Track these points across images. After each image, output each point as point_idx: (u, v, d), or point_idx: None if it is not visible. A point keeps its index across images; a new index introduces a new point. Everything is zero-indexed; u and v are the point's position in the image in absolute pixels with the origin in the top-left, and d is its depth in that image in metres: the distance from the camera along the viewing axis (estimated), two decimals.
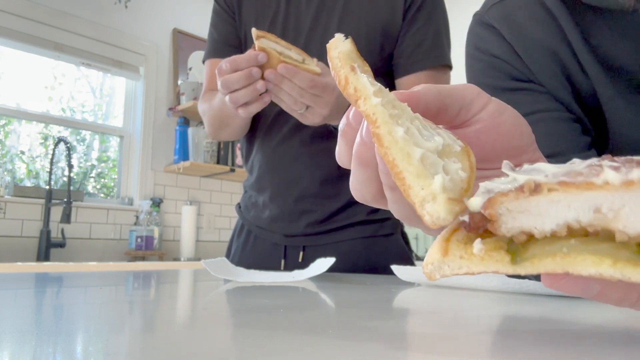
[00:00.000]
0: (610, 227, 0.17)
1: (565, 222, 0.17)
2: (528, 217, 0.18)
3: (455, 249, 0.20)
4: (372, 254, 0.94)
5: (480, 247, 0.19)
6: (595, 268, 0.17)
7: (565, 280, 0.19)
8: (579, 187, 0.17)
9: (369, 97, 0.22)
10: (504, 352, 0.24)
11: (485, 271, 0.19)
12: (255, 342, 0.25)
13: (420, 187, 0.20)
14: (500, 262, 0.19)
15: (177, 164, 2.72)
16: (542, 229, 0.18)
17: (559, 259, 0.18)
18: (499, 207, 0.18)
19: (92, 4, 2.62)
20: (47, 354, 0.23)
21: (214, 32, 1.05)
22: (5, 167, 2.41)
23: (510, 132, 0.29)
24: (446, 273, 0.20)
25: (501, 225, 0.19)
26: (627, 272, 0.17)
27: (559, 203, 0.17)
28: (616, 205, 0.17)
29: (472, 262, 0.19)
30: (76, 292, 0.53)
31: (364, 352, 0.22)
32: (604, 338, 0.27)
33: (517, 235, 0.19)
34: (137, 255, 2.50)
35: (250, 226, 1.04)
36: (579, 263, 0.17)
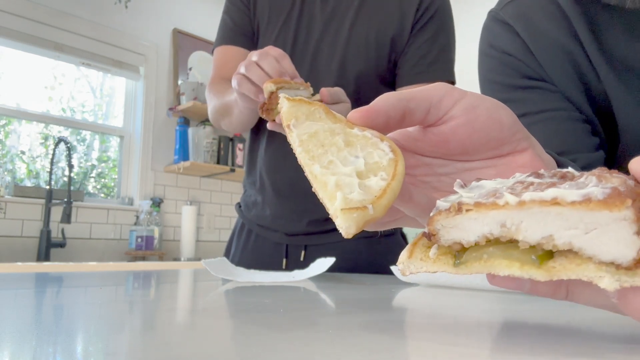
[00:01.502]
0: (514, 237, 0.21)
1: (482, 235, 0.22)
2: (457, 231, 0.23)
3: (418, 252, 0.25)
4: (373, 253, 0.94)
5: (434, 252, 0.24)
6: (508, 270, 0.21)
7: (501, 279, 0.23)
8: (487, 207, 0.21)
9: (296, 151, 0.28)
10: (503, 352, 0.24)
11: (437, 271, 0.24)
12: (255, 342, 0.25)
13: (329, 206, 0.24)
14: (446, 264, 0.24)
15: (177, 164, 2.72)
16: (467, 240, 0.22)
17: (483, 262, 0.22)
18: (436, 224, 0.23)
19: (92, 4, 2.62)
20: (47, 353, 0.23)
21: (228, 19, 1.03)
22: (6, 167, 2.41)
23: (487, 125, 0.29)
24: (412, 271, 0.25)
25: (440, 238, 0.23)
26: (532, 273, 0.21)
27: (475, 220, 0.22)
28: (516, 220, 0.21)
29: (428, 263, 0.24)
30: (76, 292, 0.53)
31: (364, 352, 0.22)
32: (603, 337, 0.27)
33: (453, 245, 0.23)
34: (137, 255, 2.50)
35: (251, 225, 1.03)
36: (496, 266, 0.22)
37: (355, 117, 0.28)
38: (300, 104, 0.29)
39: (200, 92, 2.77)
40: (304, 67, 0.95)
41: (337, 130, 0.28)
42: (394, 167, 0.26)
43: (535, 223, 0.20)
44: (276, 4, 0.99)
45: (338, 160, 0.26)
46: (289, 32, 0.97)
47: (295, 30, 0.97)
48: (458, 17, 1.06)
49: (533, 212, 0.20)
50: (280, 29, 0.98)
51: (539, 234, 0.20)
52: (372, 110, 0.28)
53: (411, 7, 0.94)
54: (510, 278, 0.22)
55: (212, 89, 1.00)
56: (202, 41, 3.03)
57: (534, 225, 0.20)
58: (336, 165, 0.26)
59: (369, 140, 0.27)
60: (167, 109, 2.85)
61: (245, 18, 1.02)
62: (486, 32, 0.63)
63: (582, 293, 0.23)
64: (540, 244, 0.21)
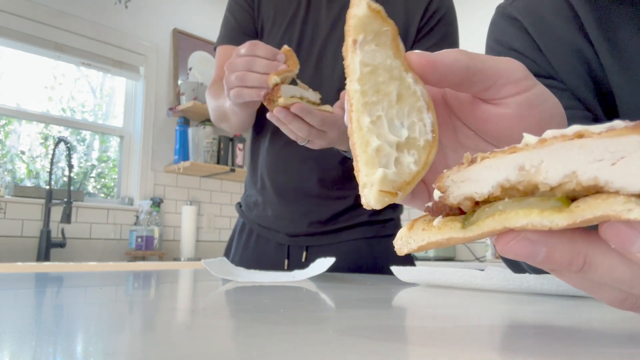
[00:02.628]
0: (534, 181, 0.19)
1: (498, 183, 0.20)
2: (468, 184, 0.21)
3: (419, 224, 0.23)
4: (374, 254, 0.94)
5: (439, 220, 0.22)
6: (526, 219, 0.19)
7: (513, 242, 0.20)
8: (505, 152, 0.20)
9: (352, 81, 0.25)
10: (503, 352, 0.24)
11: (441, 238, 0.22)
12: (255, 342, 0.25)
13: (365, 174, 0.24)
14: (453, 229, 0.21)
15: (177, 164, 2.72)
16: (481, 192, 0.21)
17: (497, 216, 0.20)
18: (446, 180, 0.22)
19: (92, 4, 2.62)
20: (47, 353, 0.23)
21: (231, 17, 1.02)
22: (6, 167, 2.41)
23: (532, 128, 0.27)
24: (412, 247, 0.23)
25: (449, 195, 0.22)
26: (553, 218, 0.19)
27: (490, 168, 0.20)
28: (536, 161, 0.19)
29: (431, 232, 0.22)
30: (76, 292, 0.53)
31: (364, 351, 0.22)
32: (603, 338, 0.27)
33: (463, 202, 0.21)
34: (137, 255, 2.50)
35: (252, 225, 1.03)
36: (513, 217, 0.20)
37: (413, 59, 0.26)
38: (375, 16, 0.24)
39: (201, 92, 2.77)
40: (308, 70, 0.94)
41: (395, 72, 0.25)
42: (427, 155, 0.25)
43: (556, 161, 0.19)
44: (282, 6, 0.99)
45: (386, 119, 0.25)
46: (293, 35, 0.96)
47: (300, 32, 0.96)
48: (461, 18, 1.06)
49: (554, 149, 0.19)
50: (284, 31, 0.97)
51: (561, 172, 0.19)
52: (434, 62, 0.26)
53: (417, 13, 0.93)
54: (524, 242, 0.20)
55: (210, 91, 0.99)
56: (202, 41, 3.03)
57: (555, 163, 0.19)
58: (382, 124, 0.24)
59: (417, 103, 0.25)
60: (167, 109, 2.85)
61: (249, 17, 1.01)
62: (493, 27, 0.62)
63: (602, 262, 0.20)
64: (561, 185, 0.19)
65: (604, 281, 0.21)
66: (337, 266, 0.91)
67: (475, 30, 2.67)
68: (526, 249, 0.20)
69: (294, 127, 0.72)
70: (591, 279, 0.21)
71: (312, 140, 0.76)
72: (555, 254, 0.20)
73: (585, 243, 0.20)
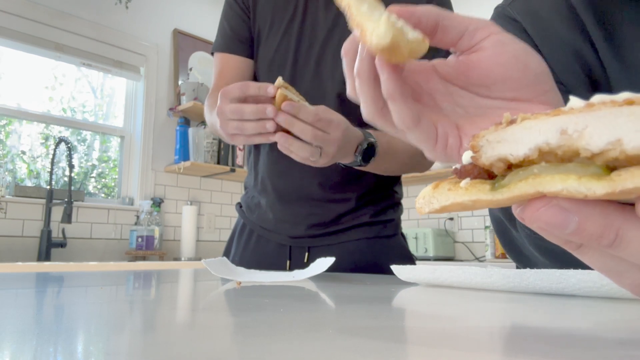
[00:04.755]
0: (576, 146, 0.18)
1: (536, 146, 0.19)
2: (504, 145, 0.20)
3: (445, 185, 0.22)
4: (376, 253, 0.94)
5: (467, 181, 0.21)
6: (562, 184, 0.18)
7: (544, 209, 0.19)
8: (548, 115, 0.19)
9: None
10: (503, 352, 0.24)
11: (468, 199, 0.21)
12: (255, 342, 0.25)
13: (371, 24, 0.27)
14: (481, 190, 0.20)
15: (177, 164, 2.72)
16: (516, 154, 0.20)
17: (531, 179, 0.19)
18: (481, 140, 0.21)
19: (92, 5, 2.62)
20: (47, 353, 0.23)
21: (226, 25, 1.02)
22: (6, 167, 2.42)
23: (510, 63, 0.30)
24: (434, 206, 0.22)
25: (482, 155, 0.21)
26: (591, 185, 0.18)
27: (531, 129, 0.19)
28: (580, 125, 0.18)
29: (458, 193, 0.21)
30: (77, 292, 0.53)
31: (364, 351, 0.22)
32: (603, 338, 0.27)
33: (495, 164, 0.20)
34: (137, 255, 2.50)
35: (253, 226, 1.03)
36: (548, 182, 0.19)
37: (394, 9, 0.30)
38: None
39: (201, 93, 2.77)
40: (307, 75, 0.94)
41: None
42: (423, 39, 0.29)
43: (602, 126, 0.18)
44: (278, 11, 0.98)
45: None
46: (291, 39, 0.96)
47: (298, 36, 0.95)
48: None
49: (601, 114, 0.18)
50: (282, 36, 0.96)
51: (605, 139, 0.17)
52: (409, 10, 0.30)
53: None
54: (556, 210, 0.19)
55: (210, 103, 0.97)
56: (202, 41, 3.03)
57: (600, 129, 0.18)
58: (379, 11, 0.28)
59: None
60: (167, 109, 2.86)
61: (244, 24, 1.00)
62: None
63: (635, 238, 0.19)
64: (604, 153, 0.18)
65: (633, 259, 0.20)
66: (339, 266, 0.91)
67: None
68: (557, 217, 0.19)
69: (295, 148, 0.71)
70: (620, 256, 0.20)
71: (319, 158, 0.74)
72: (587, 224, 0.19)
73: (620, 216, 0.19)
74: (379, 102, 0.32)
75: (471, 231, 2.95)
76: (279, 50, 0.96)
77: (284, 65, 0.96)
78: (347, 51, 0.33)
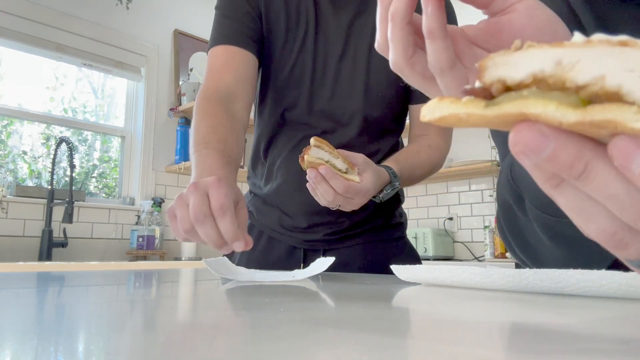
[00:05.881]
0: (564, 76, 0.20)
1: (532, 72, 0.21)
2: (507, 68, 0.21)
3: (449, 99, 0.23)
4: (387, 255, 0.96)
5: (467, 98, 0.23)
6: (542, 108, 0.20)
7: (526, 131, 0.21)
8: (551, 46, 0.20)
9: None
10: (502, 351, 0.24)
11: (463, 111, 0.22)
12: (255, 341, 0.25)
13: None
14: (476, 106, 0.22)
15: (178, 164, 2.72)
16: (514, 77, 0.21)
17: (519, 101, 0.21)
18: (488, 61, 0.22)
19: (93, 5, 2.62)
20: (48, 353, 0.23)
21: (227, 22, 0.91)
22: (8, 167, 2.42)
23: (542, 27, 0.31)
24: (435, 115, 0.23)
25: (485, 75, 0.22)
26: (566, 112, 0.20)
27: (532, 56, 0.21)
28: (574, 58, 0.20)
29: (457, 105, 0.22)
30: (78, 292, 0.53)
31: (364, 350, 0.22)
32: (603, 337, 0.27)
33: (495, 84, 0.22)
34: (138, 255, 2.50)
35: (263, 228, 1.01)
36: (531, 104, 0.20)
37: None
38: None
39: None
40: (325, 93, 0.92)
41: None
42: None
43: (592, 62, 0.19)
44: (291, 25, 0.93)
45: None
46: (307, 57, 0.93)
47: (313, 56, 0.93)
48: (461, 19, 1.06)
49: (595, 51, 0.19)
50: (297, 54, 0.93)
51: (591, 74, 0.19)
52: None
53: None
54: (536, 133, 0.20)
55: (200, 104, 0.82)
56: (203, 42, 3.03)
57: (590, 64, 0.19)
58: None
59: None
60: (168, 109, 2.86)
61: (251, 22, 0.90)
62: None
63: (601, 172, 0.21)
64: (587, 86, 0.19)
65: (599, 196, 0.21)
66: (350, 267, 0.93)
67: None
68: (536, 140, 0.20)
69: (321, 188, 0.74)
70: (587, 192, 0.21)
71: (342, 205, 0.78)
72: (561, 152, 0.20)
73: (591, 151, 0.20)
74: (410, 50, 0.33)
75: (470, 231, 2.95)
76: (294, 68, 0.93)
77: (301, 83, 0.93)
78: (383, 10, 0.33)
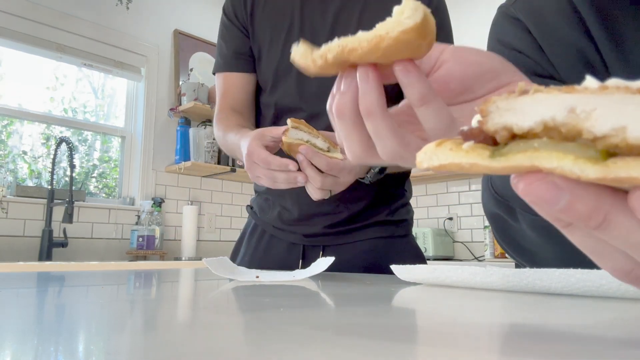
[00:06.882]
0: (580, 126, 0.18)
1: (542, 120, 0.19)
2: (512, 114, 0.20)
3: (448, 144, 0.22)
4: (390, 253, 0.95)
5: (469, 144, 0.21)
6: (558, 162, 0.19)
7: (538, 184, 0.19)
8: (561, 90, 0.19)
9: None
10: (502, 351, 0.24)
11: (466, 162, 0.21)
12: (255, 341, 0.25)
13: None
14: (480, 155, 0.20)
15: (178, 164, 2.72)
16: (521, 125, 0.20)
17: (530, 153, 0.19)
18: (491, 105, 0.20)
19: (93, 5, 2.62)
20: (48, 352, 0.23)
21: (224, 45, 1.03)
22: (8, 167, 2.42)
23: (477, 59, 0.33)
24: (434, 163, 0.22)
25: (488, 121, 0.20)
26: (585, 167, 0.18)
27: (540, 102, 0.19)
28: (589, 106, 0.18)
29: (458, 154, 0.21)
30: (78, 292, 0.53)
31: (365, 350, 0.22)
32: (603, 337, 0.27)
33: (500, 132, 0.20)
34: (138, 255, 2.50)
35: (265, 226, 1.02)
36: (545, 157, 0.19)
37: None
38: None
39: (201, 93, 2.78)
40: (312, 84, 0.93)
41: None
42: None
43: (610, 111, 0.18)
44: (277, 22, 0.97)
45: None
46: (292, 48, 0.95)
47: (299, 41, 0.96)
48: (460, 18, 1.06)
49: (613, 99, 0.18)
50: (283, 46, 0.95)
51: (610, 124, 0.17)
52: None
53: None
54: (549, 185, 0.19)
55: (218, 123, 0.98)
56: (203, 42, 3.03)
57: (608, 113, 0.18)
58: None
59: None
60: (168, 109, 2.86)
61: (242, 41, 1.00)
62: (495, 28, 0.62)
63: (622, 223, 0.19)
64: (606, 137, 0.18)
65: (618, 244, 0.20)
66: (353, 266, 0.92)
67: (472, 29, 2.67)
68: (550, 192, 0.19)
69: (309, 173, 0.74)
70: (605, 239, 0.20)
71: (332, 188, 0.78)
72: (578, 204, 0.19)
73: (610, 201, 0.19)
74: (366, 140, 0.33)
75: (470, 231, 2.95)
76: (282, 60, 0.95)
77: (288, 74, 0.95)
78: (330, 107, 0.34)
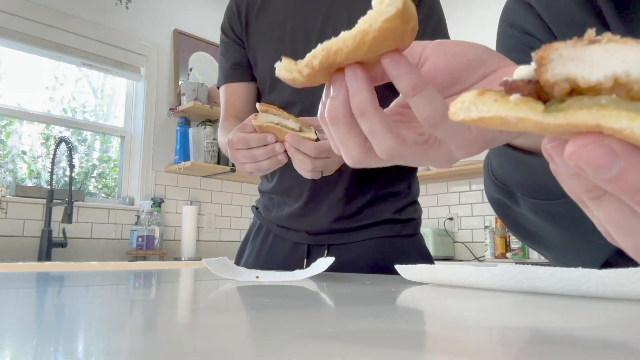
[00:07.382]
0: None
1: (614, 74, 0.17)
2: (578, 64, 0.17)
3: (491, 95, 0.19)
4: (396, 253, 0.94)
5: (516, 96, 0.19)
6: (629, 122, 0.16)
7: (592, 146, 0.17)
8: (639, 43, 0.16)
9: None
10: (502, 352, 0.24)
11: (515, 115, 0.18)
12: (255, 341, 0.25)
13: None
14: (532, 109, 0.18)
15: (177, 164, 2.72)
16: (589, 78, 0.17)
17: (595, 110, 0.17)
18: (553, 53, 0.18)
19: (93, 5, 2.62)
20: (48, 353, 0.23)
21: (224, 60, 1.08)
22: (7, 167, 2.42)
23: (460, 50, 0.33)
24: (472, 115, 0.19)
25: (548, 70, 0.18)
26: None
27: (614, 54, 0.17)
28: None
29: (505, 106, 0.18)
30: (77, 292, 0.53)
31: (365, 350, 0.22)
32: (605, 338, 0.27)
33: (560, 84, 0.18)
34: (138, 255, 2.50)
35: (270, 226, 1.02)
36: (614, 116, 0.16)
37: None
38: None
39: (201, 93, 2.78)
40: None
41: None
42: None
43: None
44: (269, 25, 1.00)
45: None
46: (285, 43, 0.97)
47: (291, 42, 0.97)
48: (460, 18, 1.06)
49: None
50: (277, 42, 0.98)
51: None
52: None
53: None
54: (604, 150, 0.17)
55: (222, 130, 1.02)
56: (202, 42, 3.03)
57: None
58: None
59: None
60: (167, 109, 2.86)
61: (239, 53, 1.05)
62: (507, 11, 0.61)
63: None
64: None
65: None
66: (359, 265, 0.91)
67: (472, 30, 2.67)
68: (603, 158, 0.17)
69: (297, 159, 0.73)
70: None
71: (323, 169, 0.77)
72: (630, 174, 0.17)
73: None
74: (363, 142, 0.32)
75: (471, 231, 2.95)
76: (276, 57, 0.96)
77: None
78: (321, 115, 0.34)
